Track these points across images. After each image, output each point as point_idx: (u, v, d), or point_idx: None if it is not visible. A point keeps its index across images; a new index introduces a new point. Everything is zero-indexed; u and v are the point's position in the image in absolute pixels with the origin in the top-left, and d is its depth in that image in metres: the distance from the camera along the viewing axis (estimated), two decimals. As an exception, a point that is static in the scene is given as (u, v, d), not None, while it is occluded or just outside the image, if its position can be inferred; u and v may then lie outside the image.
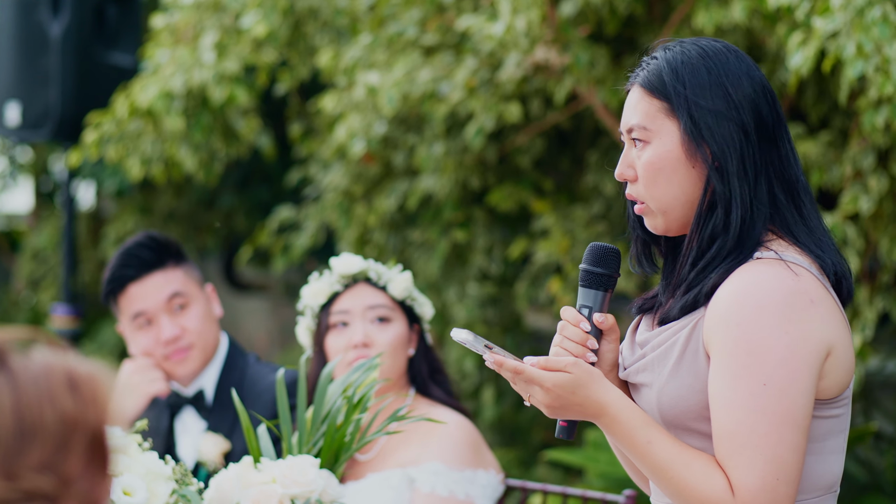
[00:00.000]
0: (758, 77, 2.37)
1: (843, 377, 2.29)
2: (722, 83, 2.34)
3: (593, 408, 2.30)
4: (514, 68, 5.06)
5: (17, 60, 6.34)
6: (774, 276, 2.26)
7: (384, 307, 3.41)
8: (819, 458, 2.31)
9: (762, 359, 2.22)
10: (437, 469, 3.24)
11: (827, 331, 2.26)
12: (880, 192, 4.32)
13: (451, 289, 5.86)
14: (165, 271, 3.72)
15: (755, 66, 2.40)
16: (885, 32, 3.86)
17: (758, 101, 2.34)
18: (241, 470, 2.76)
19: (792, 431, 2.21)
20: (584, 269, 2.47)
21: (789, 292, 2.24)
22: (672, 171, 2.35)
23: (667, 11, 5.18)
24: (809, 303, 2.25)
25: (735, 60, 2.37)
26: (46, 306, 9.10)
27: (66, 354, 1.56)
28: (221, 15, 5.72)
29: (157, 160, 5.85)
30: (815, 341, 2.24)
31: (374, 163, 5.91)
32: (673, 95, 2.35)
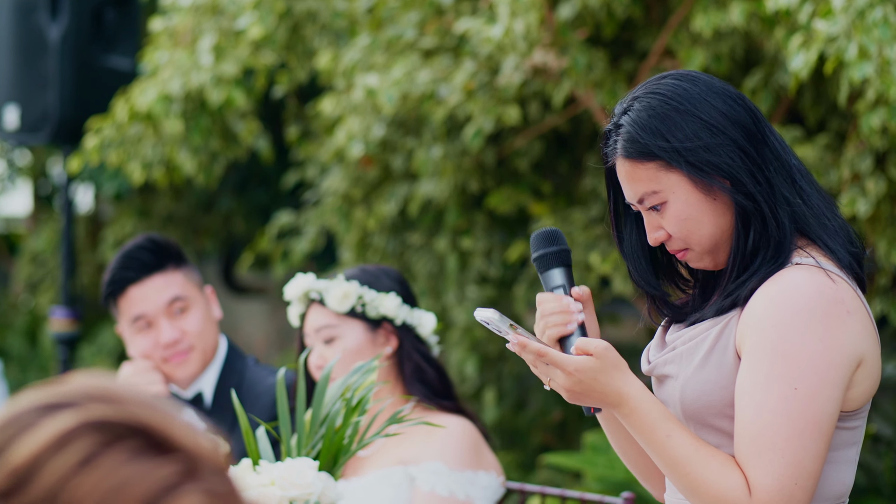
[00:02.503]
0: (718, 88, 2.36)
1: (868, 389, 2.32)
2: (694, 116, 2.33)
3: (614, 396, 2.29)
4: (512, 71, 5.06)
5: (16, 63, 6.34)
6: (814, 282, 2.27)
7: (328, 327, 3.39)
8: (833, 467, 2.32)
9: (795, 363, 2.23)
10: (437, 469, 3.24)
11: (860, 342, 2.27)
12: (878, 195, 4.32)
13: (450, 292, 5.86)
14: (165, 274, 3.72)
15: (710, 79, 2.39)
16: (885, 34, 3.86)
17: (732, 111, 2.34)
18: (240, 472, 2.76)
19: (816, 439, 2.22)
20: (541, 254, 2.49)
21: (828, 300, 2.26)
22: (700, 213, 2.36)
23: (665, 14, 5.19)
24: (846, 313, 2.26)
25: (692, 87, 2.36)
26: (45, 309, 9.10)
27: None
28: (219, 18, 5.73)
29: (157, 164, 5.85)
30: (849, 352, 2.26)
31: (373, 166, 5.91)
32: (659, 153, 2.34)
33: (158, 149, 5.83)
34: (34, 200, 10.59)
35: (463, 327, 5.81)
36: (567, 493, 3.48)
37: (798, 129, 4.75)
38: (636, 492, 5.20)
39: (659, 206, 2.37)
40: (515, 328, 2.32)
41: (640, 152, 2.35)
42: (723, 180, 2.32)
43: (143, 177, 5.87)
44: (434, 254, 5.96)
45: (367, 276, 3.44)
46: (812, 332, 2.23)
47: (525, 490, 3.53)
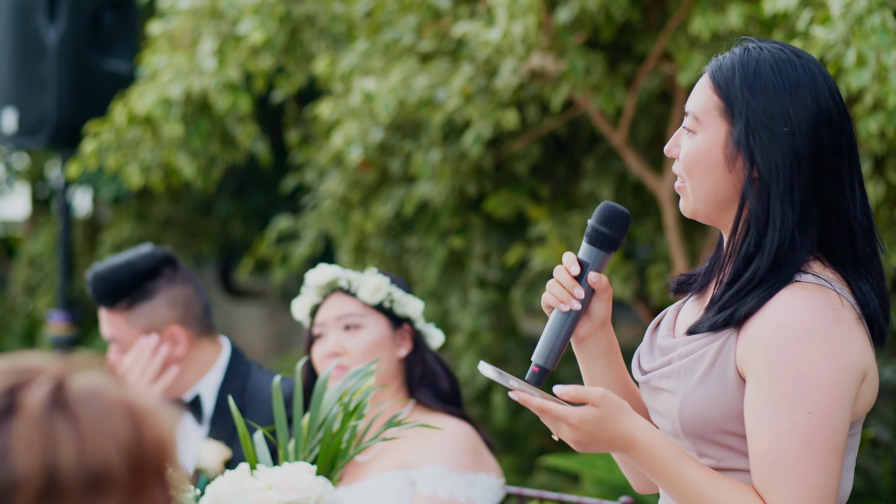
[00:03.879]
0: (825, 104, 2.31)
1: (870, 400, 2.33)
2: (785, 101, 2.30)
3: (622, 441, 2.28)
4: (510, 75, 5.06)
5: (14, 67, 6.34)
6: (816, 303, 2.26)
7: (354, 315, 3.40)
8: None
9: (806, 387, 2.23)
10: (438, 472, 3.24)
11: (863, 358, 2.28)
12: (877, 199, 4.32)
13: (452, 296, 5.86)
14: (111, 312, 3.71)
15: (829, 90, 2.34)
16: (884, 40, 3.86)
17: (819, 127, 2.29)
18: (238, 476, 2.75)
19: (833, 458, 2.23)
20: (591, 226, 2.46)
21: (831, 320, 2.25)
22: (709, 168, 2.34)
23: (663, 18, 5.18)
24: (848, 331, 2.26)
25: (808, 80, 2.32)
26: (43, 313, 9.09)
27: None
28: (219, 22, 5.72)
29: (156, 167, 5.85)
30: (855, 369, 2.26)
31: (371, 170, 5.90)
32: (734, 99, 2.33)
33: (157, 152, 5.83)
34: (32, 204, 10.58)
35: (468, 332, 5.81)
36: (565, 497, 3.48)
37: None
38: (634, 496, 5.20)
39: (690, 131, 2.38)
40: (518, 384, 2.31)
41: (719, 83, 2.36)
42: (750, 166, 2.31)
43: (141, 180, 5.87)
44: (431, 257, 5.96)
45: (394, 276, 3.50)
46: (819, 354, 2.23)
47: (523, 494, 3.53)
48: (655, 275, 5.50)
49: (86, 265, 9.36)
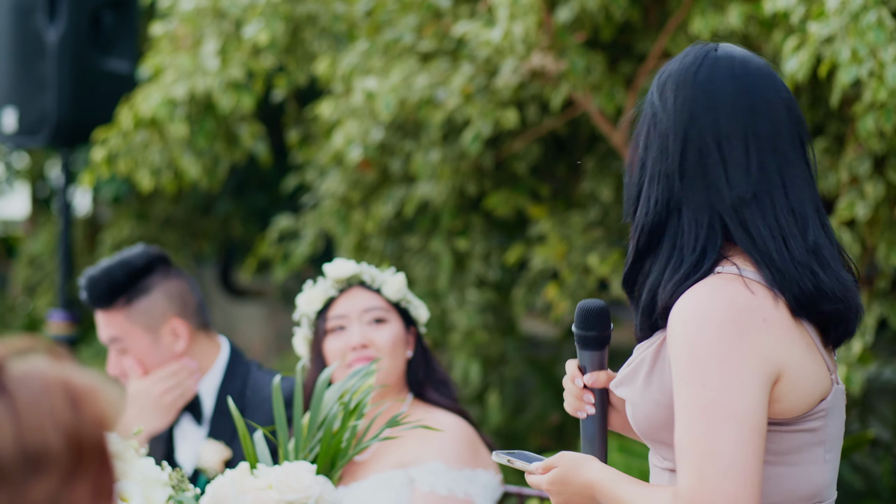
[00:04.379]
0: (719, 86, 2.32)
1: (804, 399, 2.27)
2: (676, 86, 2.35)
3: (586, 489, 2.38)
4: (510, 74, 5.06)
5: (14, 66, 6.34)
6: (726, 291, 2.25)
7: (380, 309, 3.43)
8: (795, 469, 2.30)
9: (704, 365, 2.21)
10: (436, 469, 3.25)
11: (778, 352, 2.23)
12: (877, 198, 4.32)
13: (450, 295, 5.85)
14: (109, 313, 3.71)
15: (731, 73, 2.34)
16: (879, 37, 3.86)
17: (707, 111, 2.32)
18: (238, 476, 2.75)
19: (733, 427, 2.19)
20: (575, 333, 2.54)
21: (740, 308, 2.23)
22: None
23: (663, 17, 5.18)
24: (762, 321, 2.23)
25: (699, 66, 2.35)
26: (43, 312, 9.09)
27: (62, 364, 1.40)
28: (221, 21, 5.73)
29: (165, 169, 5.86)
30: (763, 358, 2.22)
31: (371, 169, 5.90)
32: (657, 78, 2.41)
33: (165, 154, 5.84)
34: (32, 203, 10.59)
35: (464, 331, 5.81)
36: (565, 497, 3.47)
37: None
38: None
39: None
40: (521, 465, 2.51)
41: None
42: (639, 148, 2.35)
43: (152, 183, 5.88)
44: (432, 257, 5.96)
45: None
46: (720, 338, 2.21)
47: (523, 493, 3.53)
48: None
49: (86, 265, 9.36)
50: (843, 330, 2.32)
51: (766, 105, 2.33)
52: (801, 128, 2.36)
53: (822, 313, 2.28)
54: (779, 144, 2.32)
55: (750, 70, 2.35)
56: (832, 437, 2.33)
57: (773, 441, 2.28)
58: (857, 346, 4.41)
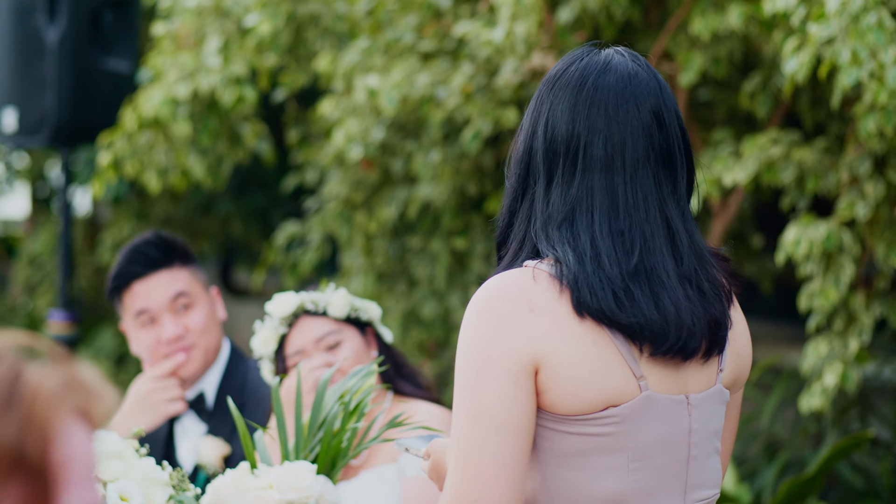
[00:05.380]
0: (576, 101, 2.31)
1: (577, 398, 2.23)
2: (538, 100, 2.37)
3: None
4: (510, 74, 5.07)
5: (14, 66, 6.34)
6: (501, 282, 2.28)
7: (332, 333, 3.45)
8: (582, 473, 2.25)
9: (461, 359, 2.24)
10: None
11: (539, 342, 2.21)
12: (877, 199, 4.32)
13: (453, 295, 5.86)
14: (171, 270, 3.72)
15: (593, 87, 2.31)
16: (880, 38, 3.86)
17: (539, 131, 2.34)
18: (238, 475, 2.76)
19: (478, 433, 2.19)
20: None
21: (502, 297, 2.25)
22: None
23: (663, 17, 5.19)
24: (528, 311, 2.23)
25: (556, 78, 2.35)
26: (43, 312, 9.10)
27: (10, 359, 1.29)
28: (224, 20, 5.73)
29: (171, 169, 5.87)
30: (516, 348, 2.21)
31: (372, 169, 5.91)
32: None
33: (171, 154, 5.85)
34: (32, 203, 10.59)
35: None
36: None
37: (796, 133, 4.75)
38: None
39: None
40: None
41: None
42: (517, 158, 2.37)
43: (160, 185, 5.89)
44: (433, 257, 5.96)
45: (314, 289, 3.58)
46: (475, 328, 2.24)
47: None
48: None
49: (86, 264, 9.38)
50: (659, 348, 2.25)
51: (607, 122, 2.29)
52: (660, 147, 2.30)
53: (618, 324, 2.23)
54: (620, 163, 2.28)
55: (603, 84, 2.31)
56: (641, 445, 2.26)
57: (555, 441, 2.25)
58: (853, 346, 4.41)
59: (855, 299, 4.45)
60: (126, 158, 5.84)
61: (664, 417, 2.28)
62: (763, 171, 4.53)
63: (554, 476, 2.26)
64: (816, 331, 4.62)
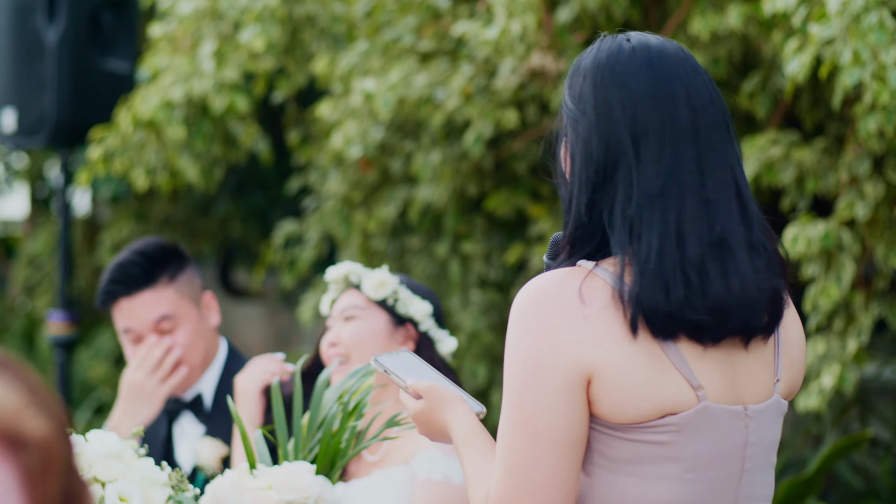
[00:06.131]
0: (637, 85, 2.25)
1: (633, 406, 2.18)
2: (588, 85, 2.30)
3: (445, 429, 2.37)
4: (509, 75, 5.06)
5: (13, 66, 6.34)
6: (554, 283, 2.21)
7: (354, 307, 3.44)
8: (635, 480, 2.21)
9: (509, 364, 2.19)
10: (433, 456, 3.25)
11: (593, 350, 2.16)
12: (876, 199, 4.32)
13: (454, 296, 5.86)
14: (155, 290, 3.68)
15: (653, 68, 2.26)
16: (881, 38, 3.86)
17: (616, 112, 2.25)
18: (237, 476, 2.75)
19: (527, 441, 2.16)
20: (544, 262, 2.44)
21: (556, 302, 2.18)
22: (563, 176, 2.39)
23: (663, 17, 5.19)
24: (581, 318, 2.17)
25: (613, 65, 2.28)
26: (42, 312, 9.09)
27: None
28: (219, 23, 5.73)
29: (161, 169, 5.87)
30: (568, 356, 2.15)
31: (372, 169, 5.91)
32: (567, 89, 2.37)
33: (161, 154, 5.84)
34: (31, 203, 10.59)
35: (469, 332, 5.81)
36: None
37: (796, 133, 4.75)
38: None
39: None
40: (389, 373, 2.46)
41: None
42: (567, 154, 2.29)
43: (147, 183, 5.89)
44: (434, 257, 5.96)
45: (409, 280, 3.52)
46: (525, 333, 2.18)
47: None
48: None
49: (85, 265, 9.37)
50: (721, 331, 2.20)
51: (685, 91, 2.25)
52: (723, 109, 2.28)
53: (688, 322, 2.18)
54: (700, 131, 2.24)
55: (667, 56, 2.27)
56: (696, 456, 2.21)
57: (610, 446, 2.21)
58: (852, 346, 4.41)
59: (854, 299, 4.45)
60: (116, 155, 5.84)
61: (721, 428, 2.23)
62: (763, 171, 4.53)
63: (604, 481, 2.22)
64: (816, 330, 4.62)
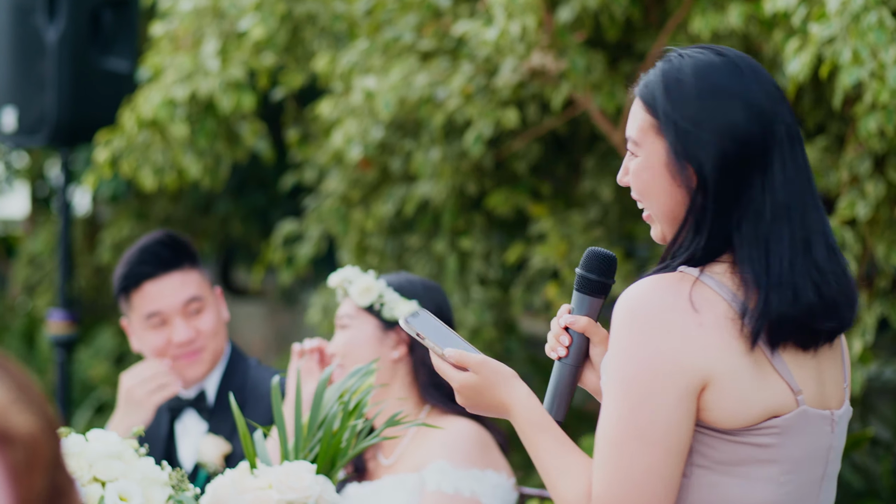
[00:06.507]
0: (753, 98, 2.29)
1: (741, 412, 2.22)
2: (706, 106, 2.28)
3: (500, 407, 2.37)
4: (510, 74, 5.06)
5: (13, 66, 6.34)
6: (667, 289, 2.23)
7: (345, 315, 3.44)
8: (736, 481, 2.25)
9: (624, 369, 2.20)
10: (442, 467, 3.24)
11: (708, 359, 2.19)
12: (877, 198, 4.32)
13: (455, 294, 5.85)
14: (183, 272, 3.70)
15: (758, 82, 2.31)
16: (881, 38, 3.86)
17: (744, 126, 2.27)
18: (238, 475, 2.75)
19: (643, 449, 2.18)
20: (578, 273, 2.49)
21: (671, 309, 2.21)
22: (659, 187, 2.33)
23: (663, 17, 5.18)
24: (697, 326, 2.20)
25: (729, 80, 2.29)
26: (42, 312, 9.09)
27: None
28: (221, 21, 5.72)
29: (168, 168, 5.87)
30: (686, 364, 2.19)
31: (371, 168, 5.90)
32: (662, 116, 2.31)
33: (167, 154, 5.84)
34: (31, 202, 10.58)
35: (470, 328, 5.81)
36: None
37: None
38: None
39: (632, 154, 2.37)
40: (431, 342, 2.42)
41: (648, 101, 2.34)
42: (693, 175, 2.28)
43: (155, 183, 5.89)
44: (433, 256, 5.96)
45: (401, 282, 3.49)
46: (642, 339, 2.20)
47: (524, 493, 3.53)
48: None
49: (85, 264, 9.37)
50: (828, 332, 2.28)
51: (775, 104, 2.32)
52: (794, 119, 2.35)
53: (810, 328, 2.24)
54: (795, 137, 2.32)
55: (759, 72, 2.33)
56: (792, 459, 2.26)
57: (713, 447, 2.24)
58: (857, 346, 4.41)
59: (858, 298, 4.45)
60: (123, 156, 5.84)
61: (813, 433, 2.28)
62: (763, 170, 4.53)
63: (706, 481, 2.24)
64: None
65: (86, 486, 2.60)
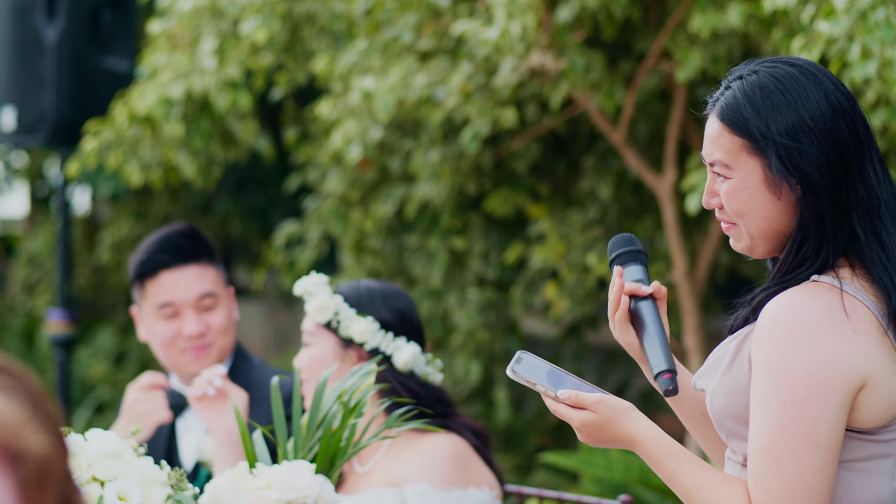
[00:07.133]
0: (836, 100, 2.34)
1: (885, 410, 2.29)
2: (801, 116, 2.32)
3: (623, 441, 2.39)
4: (509, 73, 5.06)
5: (13, 65, 6.33)
6: (816, 300, 2.28)
7: (307, 332, 3.37)
8: (861, 476, 2.31)
9: (785, 378, 2.24)
10: (424, 490, 3.19)
11: (865, 362, 2.26)
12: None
13: (451, 294, 5.85)
14: (200, 266, 3.68)
15: (834, 85, 2.36)
16: (888, 34, 3.86)
17: (837, 128, 2.33)
18: (237, 475, 2.75)
19: (810, 453, 2.23)
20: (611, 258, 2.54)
21: (827, 319, 2.26)
22: (758, 206, 2.36)
23: (663, 16, 5.18)
24: (851, 332, 2.26)
25: (812, 86, 2.34)
26: (41, 311, 9.09)
27: None
28: (219, 20, 5.72)
29: (156, 165, 5.85)
30: (847, 369, 2.25)
31: (371, 168, 5.90)
32: (757, 135, 2.33)
33: (157, 151, 5.83)
34: (31, 202, 10.59)
35: (465, 331, 5.81)
36: (564, 496, 3.47)
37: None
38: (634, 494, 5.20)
39: (723, 177, 2.39)
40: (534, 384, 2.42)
41: (735, 123, 2.36)
42: (797, 185, 2.33)
43: (141, 179, 5.87)
44: (431, 256, 5.96)
45: (359, 294, 3.38)
46: (802, 348, 2.25)
47: (522, 493, 3.53)
48: (655, 273, 5.49)
49: (84, 264, 9.37)
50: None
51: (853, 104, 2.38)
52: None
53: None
54: (874, 141, 2.38)
55: (831, 76, 2.39)
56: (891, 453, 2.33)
57: (847, 448, 2.30)
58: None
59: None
60: (111, 149, 5.82)
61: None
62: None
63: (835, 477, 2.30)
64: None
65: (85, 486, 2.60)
